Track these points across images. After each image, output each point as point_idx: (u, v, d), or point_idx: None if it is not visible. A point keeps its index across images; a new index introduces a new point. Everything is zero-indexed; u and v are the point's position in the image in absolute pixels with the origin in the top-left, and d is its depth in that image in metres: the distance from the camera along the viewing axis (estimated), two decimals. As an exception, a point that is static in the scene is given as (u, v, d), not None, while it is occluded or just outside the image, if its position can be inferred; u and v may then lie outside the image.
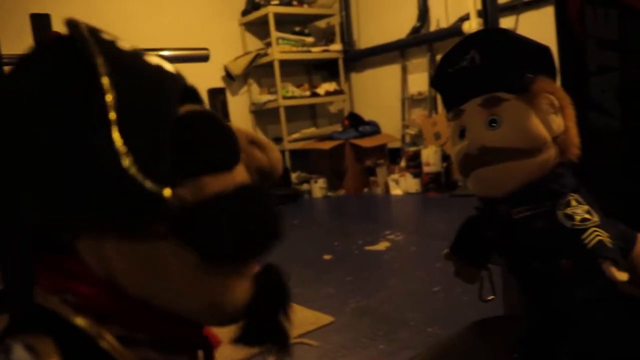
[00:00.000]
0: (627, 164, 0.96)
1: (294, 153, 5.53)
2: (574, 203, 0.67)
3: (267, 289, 0.54)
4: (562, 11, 0.98)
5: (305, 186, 5.34)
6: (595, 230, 0.64)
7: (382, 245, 3.16)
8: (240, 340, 0.53)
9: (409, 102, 5.59)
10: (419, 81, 5.44)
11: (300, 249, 3.41)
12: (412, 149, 5.00)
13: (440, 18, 5.20)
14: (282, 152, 5.47)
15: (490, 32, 0.75)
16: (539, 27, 1.47)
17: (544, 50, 0.71)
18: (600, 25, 0.94)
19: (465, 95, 0.72)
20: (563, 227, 0.66)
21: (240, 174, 0.52)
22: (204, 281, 0.47)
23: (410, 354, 1.52)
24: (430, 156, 4.71)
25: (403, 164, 5.02)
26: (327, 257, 3.09)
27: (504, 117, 0.68)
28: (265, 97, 5.72)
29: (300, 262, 3.06)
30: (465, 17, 4.82)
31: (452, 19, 5.04)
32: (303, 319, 2.22)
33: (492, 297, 0.92)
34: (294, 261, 3.13)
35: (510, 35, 0.72)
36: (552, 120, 0.69)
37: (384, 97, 5.82)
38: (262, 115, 5.91)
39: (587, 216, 0.65)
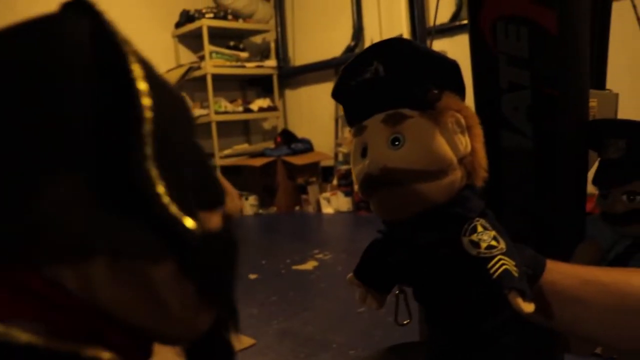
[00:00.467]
0: (539, 184, 0.95)
1: (225, 169, 5.42)
2: (480, 229, 0.62)
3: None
4: (475, 26, 0.96)
5: (236, 203, 5.23)
6: (501, 259, 0.60)
7: (309, 265, 3.11)
8: (191, 356, 0.50)
9: (342, 120, 5.60)
10: (353, 100, 5.46)
11: (226, 268, 3.31)
12: (345, 167, 5.00)
13: (374, 37, 5.25)
14: (214, 168, 5.35)
15: (395, 43, 0.69)
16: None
17: (452, 65, 0.66)
18: (511, 42, 0.93)
19: (368, 110, 0.66)
20: (468, 255, 0.61)
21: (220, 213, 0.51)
22: (194, 309, 0.46)
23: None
24: (361, 175, 4.71)
25: (335, 182, 5.00)
26: (252, 276, 3.01)
27: (407, 136, 0.62)
28: (198, 112, 5.59)
29: (225, 282, 2.97)
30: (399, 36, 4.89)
31: (386, 38, 5.10)
32: (223, 341, 2.13)
33: (407, 321, 0.89)
34: (218, 280, 3.04)
35: (416, 47, 0.68)
36: (458, 140, 0.64)
37: (317, 114, 5.82)
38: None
39: (493, 243, 0.61)
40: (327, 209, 4.88)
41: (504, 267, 0.58)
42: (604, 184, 0.93)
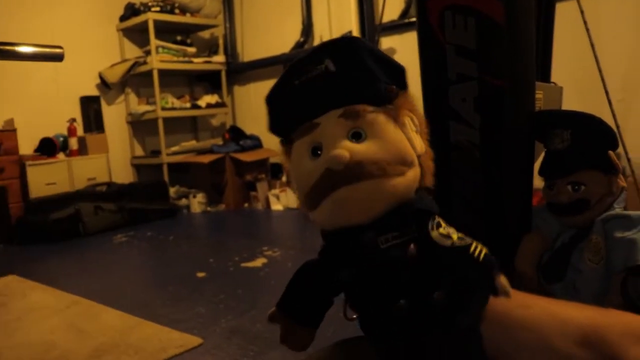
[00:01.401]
0: (486, 175, 0.95)
1: (173, 166, 5.32)
2: (443, 223, 0.61)
3: None
4: (423, 17, 0.95)
5: (183, 201, 5.14)
6: (478, 244, 0.58)
7: (258, 262, 3.07)
8: None
9: (292, 117, 5.57)
10: (302, 97, 5.44)
11: (173, 266, 3.24)
12: (294, 164, 4.97)
13: (323, 34, 5.25)
14: (160, 165, 5.25)
15: (346, 40, 0.66)
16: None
17: (401, 67, 0.65)
18: (459, 32, 0.92)
19: (318, 107, 0.63)
20: (441, 248, 0.59)
21: None
22: None
23: (277, 375, 1.44)
24: (311, 171, 4.69)
25: (284, 179, 4.97)
26: (200, 274, 2.95)
27: (368, 130, 0.60)
28: (144, 108, 5.47)
29: (172, 280, 2.90)
30: (349, 34, 4.91)
31: (335, 35, 5.11)
32: (169, 341, 2.08)
33: (356, 315, 0.87)
34: (166, 279, 2.97)
35: (367, 45, 0.66)
36: (414, 138, 0.62)
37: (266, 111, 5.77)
38: (140, 126, 5.65)
39: (460, 234, 0.60)
40: (276, 206, 4.84)
41: (484, 251, 0.57)
42: (550, 175, 0.94)
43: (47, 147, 4.72)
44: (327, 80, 0.62)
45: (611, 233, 0.86)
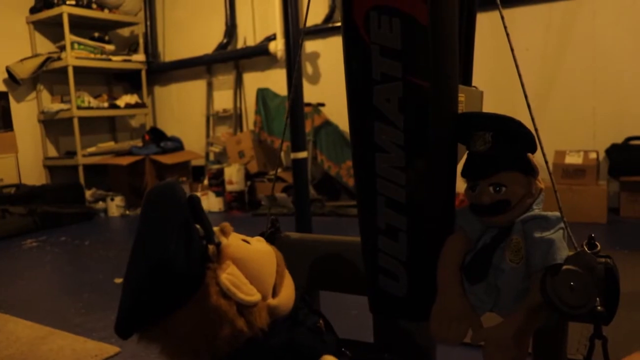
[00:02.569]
0: (410, 176, 0.95)
1: (89, 168, 5.10)
2: None
3: None
4: (348, 17, 0.94)
5: (101, 204, 4.94)
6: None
7: (179, 266, 2.98)
8: None
9: (214, 119, 5.49)
10: (225, 98, 5.37)
11: (89, 272, 3.10)
12: (216, 166, 4.89)
13: (247, 36, 5.20)
14: (76, 167, 5.02)
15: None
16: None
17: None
18: (384, 33, 0.92)
19: None
20: None
21: None
22: None
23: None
24: (233, 174, 4.63)
25: (206, 182, 4.88)
26: (118, 280, 2.83)
27: None
28: (58, 106, 5.21)
29: (87, 287, 2.77)
30: (272, 37, 4.88)
31: (259, 38, 5.07)
32: (84, 351, 1.98)
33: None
34: (81, 286, 2.83)
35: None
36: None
37: (188, 112, 5.65)
38: (54, 125, 5.38)
39: None
40: (199, 209, 4.74)
41: None
42: (472, 176, 0.95)
43: (-51, 146, 4.41)
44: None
45: (530, 233, 0.87)
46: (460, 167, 1.00)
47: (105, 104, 5.45)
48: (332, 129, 4.47)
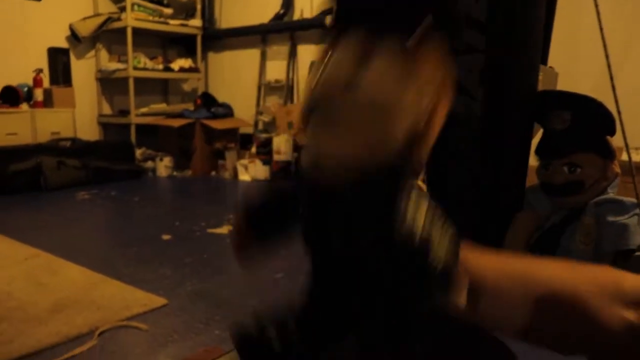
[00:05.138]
0: (484, 150, 0.95)
1: (141, 128, 5.21)
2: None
3: None
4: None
5: (150, 164, 5.05)
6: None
7: (225, 229, 3.04)
8: None
9: (266, 88, 5.51)
10: (278, 68, 5.38)
11: (138, 227, 3.19)
12: (264, 135, 4.93)
13: (304, 8, 5.18)
14: (128, 125, 5.13)
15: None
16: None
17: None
18: (470, 4, 0.91)
19: None
20: None
21: None
22: None
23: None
24: (282, 144, 4.67)
25: (254, 150, 4.93)
26: (166, 237, 2.90)
27: None
28: (115, 65, 5.32)
29: (136, 241, 2.85)
30: (329, 11, 4.85)
31: (316, 10, 5.05)
32: (133, 300, 2.05)
33: None
34: (130, 239, 2.92)
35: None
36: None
37: (240, 80, 5.69)
38: (110, 84, 5.49)
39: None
40: (244, 176, 4.80)
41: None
42: (546, 155, 0.94)
43: (10, 96, 4.54)
44: None
45: (603, 216, 0.86)
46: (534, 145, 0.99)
47: (160, 66, 5.53)
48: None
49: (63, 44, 5.16)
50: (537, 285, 0.60)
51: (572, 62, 2.92)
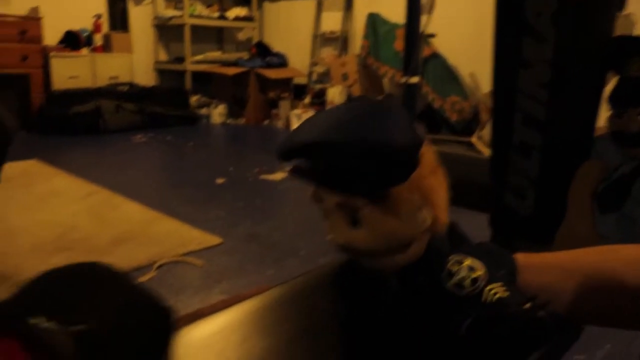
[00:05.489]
0: (553, 93, 0.92)
1: (195, 75, 5.26)
2: (455, 268, 0.60)
3: None
4: None
5: (204, 110, 5.12)
6: (490, 289, 0.59)
7: (278, 176, 3.08)
8: None
9: (320, 39, 5.46)
10: (333, 20, 5.31)
11: (192, 171, 3.27)
12: (319, 86, 4.91)
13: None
14: (183, 72, 5.19)
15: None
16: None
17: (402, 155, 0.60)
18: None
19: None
20: (455, 297, 0.59)
21: None
22: None
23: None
24: (335, 96, 4.65)
25: (307, 100, 4.93)
26: (220, 180, 2.97)
27: (363, 220, 0.57)
28: (171, 12, 5.35)
29: (191, 183, 2.93)
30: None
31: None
32: (189, 238, 2.11)
33: None
34: (184, 181, 2.99)
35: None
36: (417, 219, 0.59)
37: (295, 30, 5.65)
38: (166, 30, 5.54)
39: (473, 275, 0.59)
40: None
41: (496, 296, 0.58)
42: (622, 103, 0.91)
43: (72, 41, 4.64)
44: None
45: (677, 167, 0.84)
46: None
47: (216, 14, 5.54)
48: (440, 61, 4.35)
49: (122, -11, 5.21)
50: (579, 270, 0.61)
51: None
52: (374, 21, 4.61)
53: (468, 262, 0.61)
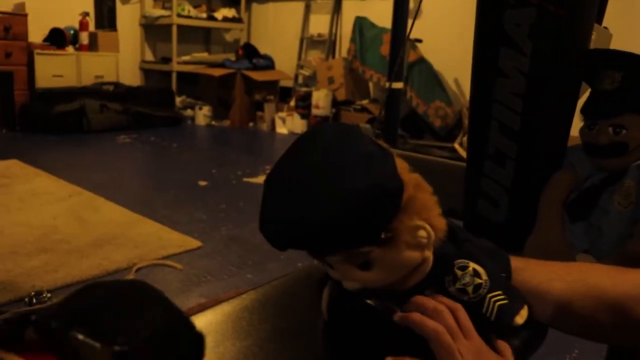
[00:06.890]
0: (528, 104, 0.94)
1: (181, 76, 5.25)
2: (459, 273, 0.62)
3: None
4: None
5: (189, 112, 5.11)
6: (491, 297, 0.61)
7: (261, 179, 3.08)
8: None
9: (307, 42, 5.47)
10: (321, 23, 5.32)
11: (175, 172, 3.26)
12: (304, 89, 4.92)
13: (350, -39, 5.08)
14: (170, 73, 5.18)
15: None
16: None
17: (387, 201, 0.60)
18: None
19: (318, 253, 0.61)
20: (461, 301, 0.62)
21: None
22: None
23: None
24: (321, 99, 4.65)
25: (292, 103, 4.93)
26: (202, 183, 2.96)
27: (373, 262, 0.60)
28: (159, 12, 5.34)
29: (173, 185, 2.92)
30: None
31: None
32: (169, 240, 2.11)
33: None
34: (167, 183, 2.98)
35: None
36: (421, 238, 0.60)
37: (283, 33, 5.66)
38: (153, 30, 5.53)
39: (477, 281, 0.61)
40: (282, 129, 4.83)
41: (497, 304, 0.60)
42: (593, 115, 0.92)
43: (57, 38, 4.61)
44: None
45: (645, 179, 0.86)
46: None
47: (204, 15, 5.53)
48: (426, 66, 4.38)
49: (109, -12, 5.19)
50: (588, 288, 0.64)
51: (628, 24, 2.82)
52: (361, 25, 4.63)
53: (472, 267, 0.62)
